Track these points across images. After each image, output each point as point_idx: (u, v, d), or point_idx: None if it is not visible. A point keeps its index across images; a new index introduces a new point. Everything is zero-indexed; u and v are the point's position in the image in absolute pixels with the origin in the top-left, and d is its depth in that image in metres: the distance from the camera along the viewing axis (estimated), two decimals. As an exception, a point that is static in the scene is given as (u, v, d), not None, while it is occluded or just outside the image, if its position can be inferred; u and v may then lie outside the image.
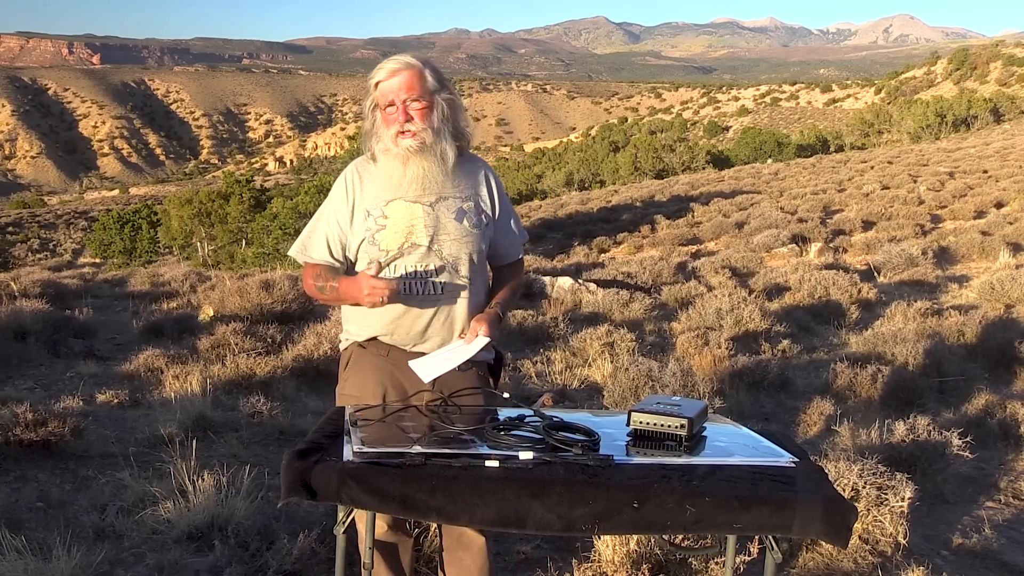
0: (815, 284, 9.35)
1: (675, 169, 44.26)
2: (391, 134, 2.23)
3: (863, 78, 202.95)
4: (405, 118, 2.21)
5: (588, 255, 17.52)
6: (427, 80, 2.24)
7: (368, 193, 2.29)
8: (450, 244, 2.26)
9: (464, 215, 2.29)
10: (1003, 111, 56.24)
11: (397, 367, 2.30)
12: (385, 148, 2.26)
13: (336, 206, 2.33)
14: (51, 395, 5.34)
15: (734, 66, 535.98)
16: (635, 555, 2.97)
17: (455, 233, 2.27)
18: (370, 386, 2.30)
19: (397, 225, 2.25)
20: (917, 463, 3.81)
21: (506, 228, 2.42)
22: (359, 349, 2.36)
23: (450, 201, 2.28)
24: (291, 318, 7.91)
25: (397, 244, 2.24)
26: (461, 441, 1.94)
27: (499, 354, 2.46)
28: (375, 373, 2.31)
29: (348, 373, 2.38)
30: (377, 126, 2.27)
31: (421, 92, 2.23)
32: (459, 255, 2.27)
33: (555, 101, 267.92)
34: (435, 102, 2.25)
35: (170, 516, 3.25)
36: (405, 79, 2.22)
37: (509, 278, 2.46)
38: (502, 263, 2.46)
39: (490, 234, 2.36)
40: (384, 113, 2.25)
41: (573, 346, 6.72)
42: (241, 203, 26.66)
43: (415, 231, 2.24)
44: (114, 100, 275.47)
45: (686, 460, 1.89)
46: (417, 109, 2.23)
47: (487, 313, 2.30)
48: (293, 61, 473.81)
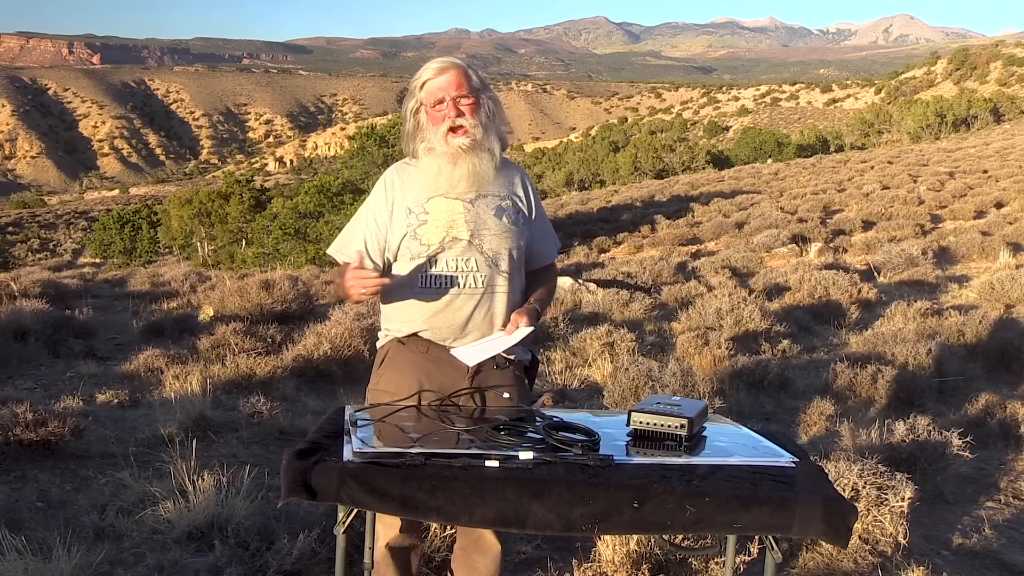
0: (815, 284, 9.35)
1: (675, 169, 44.26)
2: (440, 132, 2.24)
3: (863, 78, 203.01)
4: (456, 113, 2.23)
5: (588, 255, 17.53)
6: (472, 78, 2.28)
7: (409, 192, 2.30)
8: (491, 239, 2.28)
9: (503, 212, 2.31)
10: (1003, 111, 56.24)
11: (435, 364, 2.30)
12: (430, 147, 2.26)
13: (375, 207, 2.34)
14: (51, 395, 5.34)
15: (734, 66, 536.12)
16: (635, 555, 2.97)
17: (495, 228, 2.28)
18: (406, 382, 2.29)
19: (438, 220, 2.26)
20: (917, 463, 3.81)
21: (542, 231, 2.45)
22: (398, 345, 2.35)
23: (489, 199, 2.30)
24: (291, 318, 7.91)
25: (438, 238, 2.25)
26: (461, 441, 1.94)
27: (533, 356, 2.48)
28: (412, 369, 2.31)
29: (384, 369, 2.37)
30: (422, 127, 2.28)
31: (469, 89, 2.25)
32: (499, 250, 2.28)
33: (555, 101, 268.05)
34: (482, 100, 2.28)
35: (170, 516, 3.25)
36: (453, 77, 2.24)
37: (544, 281, 2.47)
38: (537, 266, 2.46)
39: (527, 233, 2.37)
40: (432, 111, 2.25)
41: (573, 346, 6.72)
42: (241, 203, 26.68)
43: (456, 225, 2.25)
44: (114, 100, 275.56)
45: (686, 460, 1.90)
46: (467, 105, 2.24)
47: (527, 307, 2.32)
48: (293, 61, 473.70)
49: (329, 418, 2.18)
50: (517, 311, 2.29)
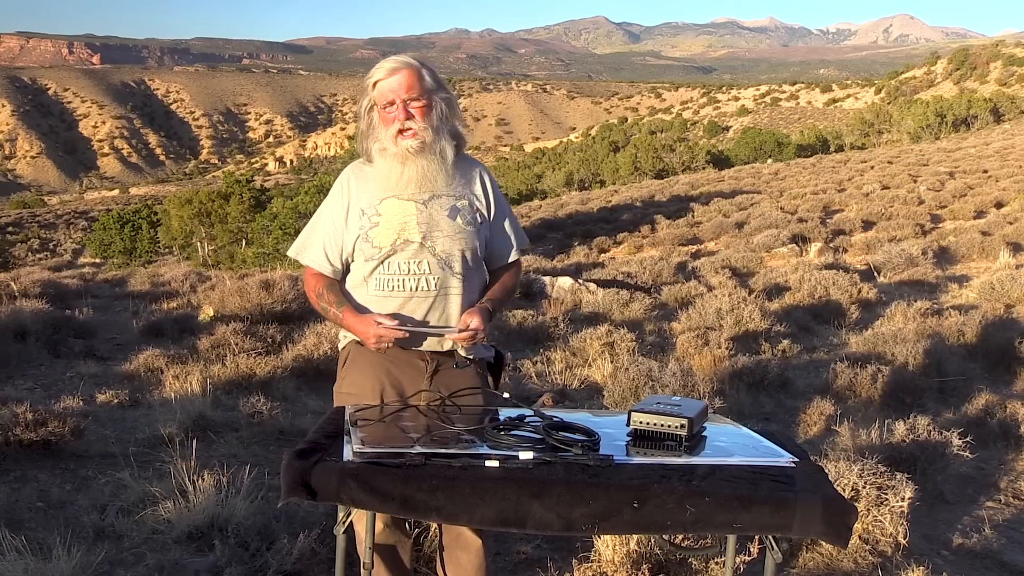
0: (815, 284, 9.35)
1: (675, 169, 44.24)
2: (390, 134, 2.24)
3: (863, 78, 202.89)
4: (406, 116, 2.23)
5: (588, 255, 17.51)
6: (425, 79, 2.26)
7: (364, 193, 2.31)
8: (443, 241, 2.27)
9: (457, 212, 2.30)
10: (1003, 111, 56.19)
11: (394, 364, 2.31)
12: (382, 148, 2.27)
13: (332, 208, 2.35)
14: (51, 395, 5.34)
15: (734, 66, 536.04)
16: (635, 555, 2.97)
17: (448, 230, 2.28)
18: (368, 384, 2.31)
19: (390, 222, 2.26)
20: (917, 463, 3.81)
21: (500, 229, 2.42)
22: (357, 347, 2.36)
23: (444, 199, 2.29)
24: (291, 318, 7.91)
25: (390, 241, 2.26)
26: (461, 441, 1.94)
27: (499, 354, 2.46)
28: (373, 371, 2.31)
29: (346, 371, 2.38)
30: (374, 126, 2.29)
31: (420, 91, 2.24)
32: (452, 252, 2.28)
33: (555, 101, 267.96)
34: (434, 101, 2.27)
35: (170, 516, 3.25)
36: (404, 78, 2.23)
37: (502, 280, 2.45)
38: (497, 264, 2.45)
39: (485, 233, 2.36)
40: (383, 112, 2.26)
41: (573, 346, 6.72)
42: (241, 203, 26.65)
43: (407, 228, 2.25)
44: (114, 100, 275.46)
45: (686, 460, 1.90)
46: (417, 107, 2.24)
47: (478, 306, 2.30)
48: (293, 61, 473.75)
49: (329, 418, 2.17)
50: (468, 311, 2.28)
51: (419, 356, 2.32)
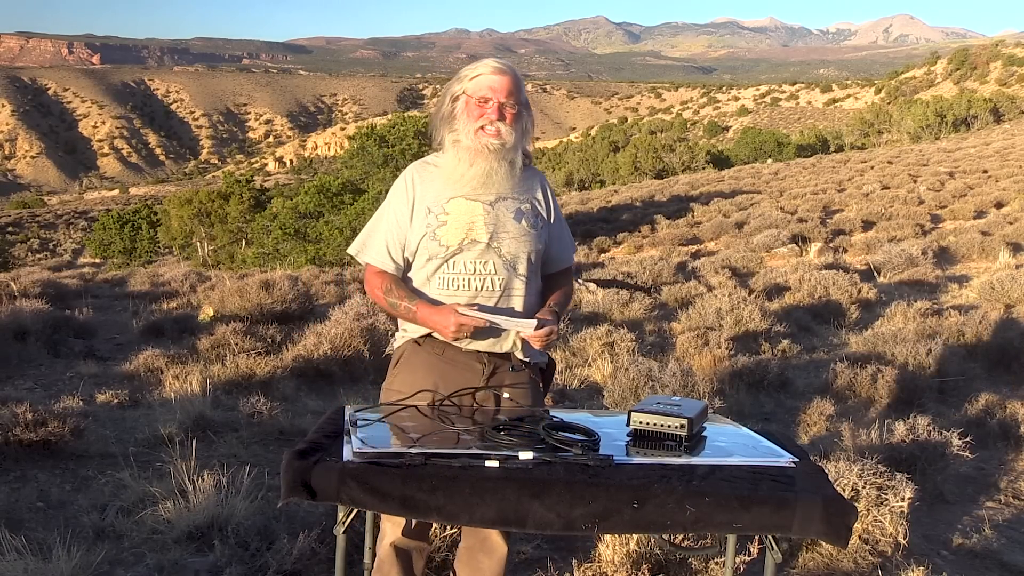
0: (815, 284, 9.35)
1: (675, 169, 44.24)
2: (472, 127, 2.25)
3: (863, 78, 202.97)
4: (498, 116, 2.25)
5: (588, 255, 17.51)
6: (523, 92, 2.31)
7: (429, 191, 2.31)
8: (509, 242, 2.28)
9: (523, 215, 2.32)
10: (1003, 111, 56.21)
11: (451, 365, 2.31)
12: (456, 139, 2.28)
13: (396, 206, 2.34)
14: (51, 395, 5.34)
15: (734, 66, 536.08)
16: (635, 555, 2.97)
17: (514, 231, 2.29)
18: (420, 384, 2.30)
19: (458, 221, 2.26)
20: (917, 463, 3.81)
21: (560, 234, 2.46)
22: (414, 346, 2.35)
23: (509, 201, 2.31)
24: (291, 318, 7.92)
25: (457, 240, 2.26)
26: (461, 441, 1.94)
27: (551, 360, 2.50)
28: (427, 370, 2.31)
29: (399, 369, 2.38)
30: (456, 115, 2.29)
31: (517, 100, 2.28)
32: (518, 253, 2.29)
33: (555, 101, 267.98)
34: (523, 115, 2.31)
35: (170, 516, 3.25)
36: (507, 82, 2.27)
37: (561, 285, 2.48)
38: (554, 269, 2.47)
39: (545, 236, 2.38)
40: (472, 105, 2.26)
41: (573, 346, 6.72)
42: (241, 203, 26.66)
43: (475, 227, 2.26)
44: (114, 100, 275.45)
45: (686, 460, 1.90)
46: (510, 112, 2.27)
47: (547, 308, 2.33)
48: (293, 61, 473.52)
49: (329, 418, 2.18)
50: (542, 311, 2.30)
51: (476, 358, 2.31)
